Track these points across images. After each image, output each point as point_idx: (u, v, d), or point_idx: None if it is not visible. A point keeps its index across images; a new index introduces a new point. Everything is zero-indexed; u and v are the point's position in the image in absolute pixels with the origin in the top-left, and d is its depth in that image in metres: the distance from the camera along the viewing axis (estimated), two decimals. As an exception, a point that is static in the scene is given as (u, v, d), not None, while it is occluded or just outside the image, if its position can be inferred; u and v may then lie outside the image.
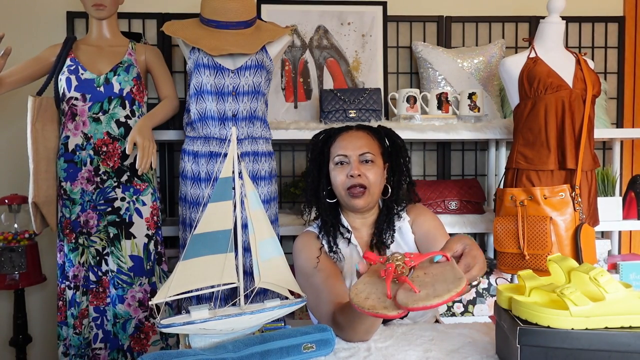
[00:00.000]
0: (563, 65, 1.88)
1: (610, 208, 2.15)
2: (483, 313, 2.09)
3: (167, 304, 1.85)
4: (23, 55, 2.00)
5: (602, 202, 2.07)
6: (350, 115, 2.09)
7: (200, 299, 1.77)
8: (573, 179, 1.81)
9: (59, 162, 1.83)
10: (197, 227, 0.88)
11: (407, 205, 1.44)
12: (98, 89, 1.82)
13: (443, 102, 2.15)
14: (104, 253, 1.84)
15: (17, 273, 2.00)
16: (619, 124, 2.54)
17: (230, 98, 1.79)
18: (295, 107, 2.37)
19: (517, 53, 2.11)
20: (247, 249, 1.39)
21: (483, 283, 2.08)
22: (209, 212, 0.88)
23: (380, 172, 1.37)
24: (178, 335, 0.98)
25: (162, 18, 2.33)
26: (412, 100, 2.12)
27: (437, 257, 0.91)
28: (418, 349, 1.01)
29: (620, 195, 2.30)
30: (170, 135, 2.06)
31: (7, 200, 2.02)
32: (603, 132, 2.17)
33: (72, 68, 1.82)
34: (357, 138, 1.37)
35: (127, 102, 1.85)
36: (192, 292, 0.92)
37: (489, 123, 2.12)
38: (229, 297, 1.66)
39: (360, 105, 2.09)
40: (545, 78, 1.83)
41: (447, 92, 2.15)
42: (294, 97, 2.38)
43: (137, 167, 1.74)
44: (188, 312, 0.88)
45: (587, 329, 0.81)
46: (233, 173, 0.90)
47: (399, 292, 0.83)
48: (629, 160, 2.56)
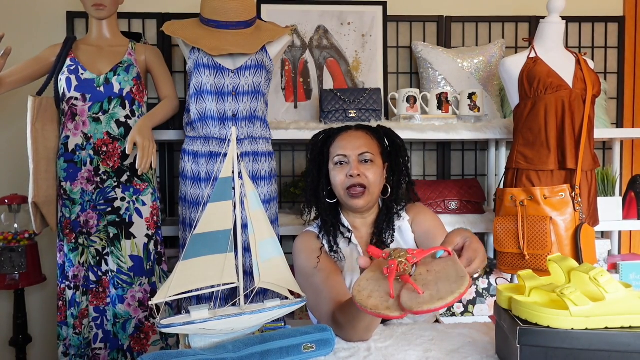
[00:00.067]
0: (563, 65, 1.88)
1: (610, 208, 2.15)
2: (483, 313, 2.09)
3: (167, 304, 1.85)
4: (23, 55, 2.00)
5: (602, 202, 2.07)
6: (350, 115, 2.09)
7: (200, 299, 1.77)
8: (573, 179, 1.81)
9: (59, 162, 1.83)
10: (197, 227, 0.88)
11: (406, 205, 1.44)
12: (98, 89, 1.82)
13: (443, 102, 2.15)
14: (104, 253, 1.84)
15: (17, 273, 2.00)
16: (619, 124, 2.54)
17: (230, 98, 1.79)
18: (295, 107, 2.37)
19: (517, 53, 2.11)
20: (247, 249, 1.39)
21: (483, 283, 2.08)
22: (209, 212, 0.88)
23: (380, 171, 1.37)
24: (178, 335, 0.97)
25: (162, 18, 2.33)
26: (412, 100, 2.12)
27: (439, 252, 0.91)
28: (418, 349, 1.01)
29: (620, 195, 2.30)
30: (170, 135, 2.06)
31: (7, 200, 2.02)
32: (603, 132, 2.17)
33: (72, 68, 1.82)
34: (356, 138, 1.38)
35: (127, 102, 1.85)
36: (192, 292, 0.92)
37: (489, 123, 2.12)
38: (229, 297, 1.66)
39: (360, 105, 2.09)
40: (545, 78, 1.83)
41: (447, 92, 2.15)
42: (294, 97, 2.38)
43: (137, 167, 1.74)
44: (188, 312, 0.88)
45: (587, 329, 0.81)
46: (233, 173, 0.90)
47: (403, 293, 0.83)
48: (629, 160, 2.56)
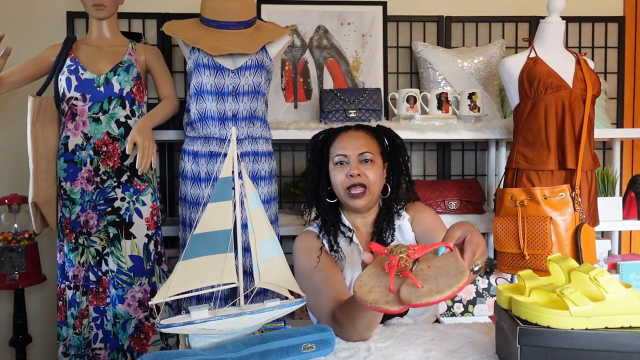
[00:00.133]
0: (563, 65, 1.88)
1: (610, 208, 2.15)
2: (483, 313, 2.09)
3: (167, 304, 1.85)
4: (23, 55, 2.00)
5: (602, 202, 2.07)
6: (350, 115, 2.09)
7: (200, 299, 1.77)
8: (573, 179, 1.81)
9: (59, 162, 1.83)
10: (197, 227, 0.88)
11: (406, 204, 1.44)
12: (98, 89, 1.82)
13: (443, 102, 2.15)
14: (104, 253, 1.84)
15: (17, 273, 2.00)
16: (619, 124, 2.54)
17: (230, 98, 1.79)
18: (295, 107, 2.37)
19: (517, 53, 2.11)
20: (247, 249, 1.39)
21: (483, 283, 2.08)
22: (209, 212, 0.88)
23: (380, 171, 1.37)
24: (178, 335, 0.97)
25: (162, 18, 2.33)
26: (412, 100, 2.12)
27: (441, 249, 0.91)
28: (418, 349, 1.01)
29: (620, 195, 2.30)
30: (170, 135, 2.06)
31: (7, 200, 2.02)
32: (603, 132, 2.17)
33: (72, 68, 1.82)
34: (356, 138, 1.38)
35: (127, 102, 1.85)
36: (192, 292, 0.92)
37: (489, 123, 2.12)
38: (229, 297, 1.66)
39: (360, 105, 2.09)
40: (545, 78, 1.83)
41: (447, 92, 2.15)
42: (294, 97, 2.38)
43: (137, 167, 1.74)
44: (188, 312, 0.88)
45: (587, 329, 0.81)
46: (233, 173, 0.90)
47: (402, 287, 0.84)
48: (629, 160, 2.56)
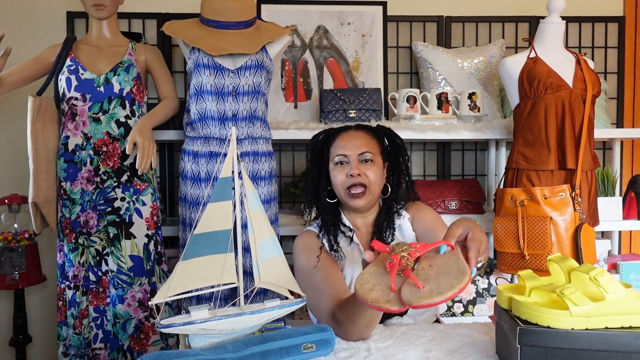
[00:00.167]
0: (563, 65, 1.88)
1: (610, 208, 2.15)
2: (483, 313, 2.09)
3: (167, 304, 1.85)
4: (23, 55, 2.00)
5: (602, 202, 2.07)
6: (350, 115, 2.09)
7: (200, 299, 1.77)
8: (573, 179, 1.81)
9: (59, 162, 1.83)
10: (197, 227, 0.88)
11: (406, 203, 1.44)
12: (98, 89, 1.82)
13: (443, 102, 2.15)
14: (104, 253, 1.84)
15: (17, 273, 1.99)
16: (619, 124, 2.54)
17: (230, 98, 1.79)
18: (295, 107, 2.37)
19: (517, 53, 2.11)
20: (247, 249, 1.39)
21: (483, 283, 2.08)
22: (209, 212, 0.88)
23: (380, 171, 1.37)
24: (178, 335, 0.97)
25: (162, 18, 2.33)
26: (412, 100, 2.12)
27: (442, 248, 0.91)
28: (418, 349, 1.01)
29: (620, 195, 2.30)
30: (170, 135, 2.06)
31: (7, 200, 2.02)
32: (603, 132, 2.16)
33: (72, 68, 1.82)
34: (356, 138, 1.38)
35: (127, 102, 1.85)
36: (192, 292, 0.92)
37: (489, 123, 2.12)
38: (229, 297, 1.66)
39: (360, 105, 2.09)
40: (545, 78, 1.83)
41: (447, 92, 2.15)
42: (294, 97, 2.38)
43: (137, 167, 1.74)
44: (188, 312, 0.88)
45: (587, 329, 0.81)
46: (233, 173, 0.90)
47: (404, 287, 0.84)
48: (629, 160, 2.56)
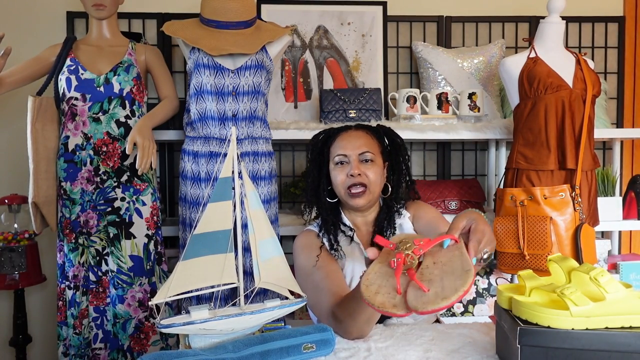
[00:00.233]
0: (563, 65, 1.88)
1: (610, 208, 2.15)
2: (483, 313, 2.09)
3: (167, 304, 1.85)
4: (23, 55, 2.00)
5: (602, 202, 2.07)
6: (350, 115, 2.09)
7: (200, 299, 1.77)
8: (573, 179, 1.81)
9: (59, 162, 1.83)
10: (197, 227, 0.88)
11: (406, 203, 1.44)
12: (98, 89, 1.82)
13: (443, 102, 2.15)
14: (104, 253, 1.84)
15: (17, 273, 1.99)
16: (619, 124, 2.54)
17: (230, 98, 1.79)
18: (295, 107, 2.37)
19: (517, 53, 2.11)
20: (247, 249, 1.39)
21: (483, 283, 2.08)
22: (209, 212, 0.88)
23: (380, 171, 1.37)
24: (178, 336, 0.97)
25: (162, 18, 2.33)
26: (412, 100, 2.12)
27: (446, 242, 0.91)
28: (418, 349, 1.01)
29: (620, 195, 2.30)
30: (170, 135, 2.06)
31: (7, 200, 2.02)
32: (603, 132, 2.16)
33: (72, 68, 1.82)
34: (356, 138, 1.38)
35: (127, 102, 1.85)
36: (192, 292, 0.92)
37: (489, 123, 2.12)
38: (229, 297, 1.66)
39: (360, 105, 2.09)
40: (545, 78, 1.83)
41: (447, 92, 2.15)
42: (294, 97, 2.38)
43: (137, 167, 1.74)
44: (188, 312, 0.88)
45: (587, 329, 0.81)
46: (233, 173, 0.90)
47: (409, 292, 0.83)
48: (629, 160, 2.56)
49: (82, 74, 1.82)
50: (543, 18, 1.96)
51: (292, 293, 0.98)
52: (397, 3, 2.44)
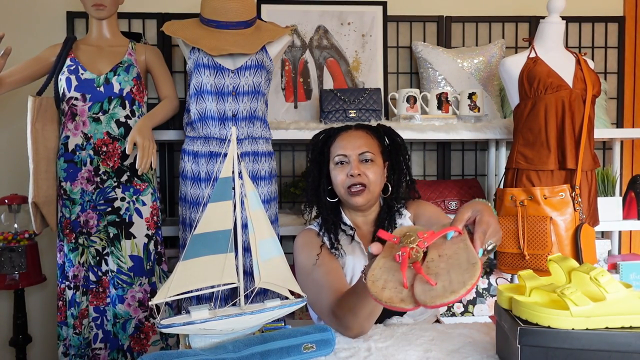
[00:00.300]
0: (563, 65, 1.88)
1: (610, 208, 2.15)
2: (483, 313, 2.09)
3: (167, 304, 1.85)
4: (23, 55, 2.00)
5: (602, 202, 2.07)
6: (350, 115, 2.09)
7: (200, 299, 1.77)
8: (573, 179, 1.81)
9: (59, 162, 1.83)
10: (197, 227, 0.88)
11: (406, 202, 1.44)
12: (98, 89, 1.82)
13: (443, 102, 2.15)
14: (104, 253, 1.84)
15: (17, 273, 1.99)
16: (619, 124, 2.54)
17: (230, 98, 1.79)
18: (295, 107, 2.37)
19: (517, 53, 2.11)
20: (247, 249, 1.39)
21: (483, 283, 2.08)
22: (209, 212, 0.88)
23: (380, 170, 1.37)
24: (178, 336, 0.97)
25: (162, 18, 2.33)
26: (412, 100, 2.12)
27: (449, 234, 0.90)
28: (418, 349, 1.01)
29: (620, 195, 2.30)
30: (170, 135, 2.06)
31: (7, 200, 2.02)
32: (603, 132, 2.17)
33: (72, 68, 1.82)
34: (356, 137, 1.38)
35: (127, 102, 1.85)
36: (192, 292, 0.92)
37: (489, 123, 2.12)
38: (229, 297, 1.66)
39: (360, 105, 2.09)
40: (545, 78, 1.83)
41: (447, 92, 2.15)
42: (294, 97, 2.38)
43: (137, 167, 1.74)
44: (188, 312, 0.88)
45: (587, 329, 0.81)
46: (233, 173, 0.90)
47: (416, 286, 0.83)
48: (629, 160, 2.56)
49: (82, 74, 1.82)
50: (543, 18, 1.96)
51: (292, 293, 0.98)
52: (397, 3, 2.44)
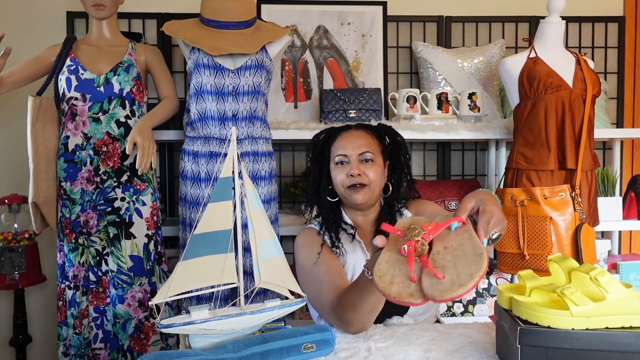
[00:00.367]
0: (563, 65, 1.88)
1: (610, 208, 2.15)
2: (483, 313, 2.09)
3: (167, 304, 1.85)
4: (23, 55, 2.00)
5: (602, 202, 2.07)
6: (350, 115, 2.09)
7: (200, 299, 1.77)
8: (573, 179, 1.81)
9: (59, 162, 1.83)
10: (197, 227, 0.88)
11: (407, 202, 1.44)
12: (98, 89, 1.82)
13: (443, 102, 2.15)
14: (104, 253, 1.84)
15: (17, 273, 1.99)
16: (619, 124, 2.54)
17: (230, 98, 1.79)
18: (295, 107, 2.37)
19: (517, 53, 2.11)
20: (247, 249, 1.39)
21: (483, 283, 2.08)
22: (209, 212, 0.88)
23: (381, 170, 1.37)
24: (178, 336, 0.97)
25: (162, 18, 2.33)
26: (412, 100, 2.12)
27: (453, 225, 0.90)
28: (418, 349, 1.01)
29: (620, 195, 2.30)
30: (170, 135, 2.06)
31: (7, 200, 2.02)
32: (603, 132, 2.17)
33: (72, 68, 1.82)
34: (356, 137, 1.38)
35: (127, 102, 1.85)
36: (192, 292, 0.92)
37: (489, 123, 2.12)
38: (229, 297, 1.66)
39: (360, 105, 2.09)
40: (545, 78, 1.83)
41: (447, 92, 2.15)
42: (294, 97, 2.38)
43: (137, 167, 1.74)
44: (188, 312, 0.88)
45: (587, 329, 0.81)
46: (233, 173, 0.90)
47: (424, 280, 0.82)
48: (629, 160, 2.56)
49: (82, 74, 1.82)
50: (543, 18, 1.96)
51: (292, 293, 0.98)
52: (397, 3, 2.44)
